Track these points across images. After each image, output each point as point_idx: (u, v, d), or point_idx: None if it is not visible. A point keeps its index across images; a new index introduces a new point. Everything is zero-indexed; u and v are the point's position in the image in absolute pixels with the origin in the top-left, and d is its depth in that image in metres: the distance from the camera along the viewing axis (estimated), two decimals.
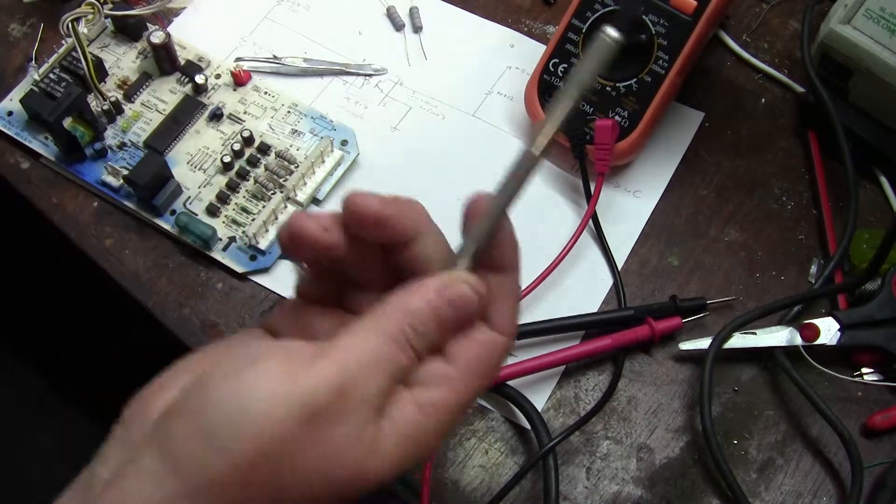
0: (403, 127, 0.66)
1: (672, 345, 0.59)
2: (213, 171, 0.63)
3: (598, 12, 0.62)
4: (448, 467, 0.55)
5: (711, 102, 0.67)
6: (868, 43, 0.59)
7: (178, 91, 0.66)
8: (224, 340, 0.39)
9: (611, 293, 0.61)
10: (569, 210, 0.63)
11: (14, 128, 0.64)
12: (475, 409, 0.57)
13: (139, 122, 0.65)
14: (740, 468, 0.55)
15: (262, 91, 0.66)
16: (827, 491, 0.55)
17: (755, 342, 0.57)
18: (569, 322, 0.59)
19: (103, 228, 0.62)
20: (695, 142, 0.66)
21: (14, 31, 0.69)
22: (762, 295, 0.60)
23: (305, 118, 0.65)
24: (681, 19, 0.60)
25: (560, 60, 0.63)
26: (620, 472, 0.55)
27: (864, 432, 0.56)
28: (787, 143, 0.66)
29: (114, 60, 0.67)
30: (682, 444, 0.56)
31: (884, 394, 0.57)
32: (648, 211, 0.63)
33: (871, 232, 0.61)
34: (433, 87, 0.68)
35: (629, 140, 0.61)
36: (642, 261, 0.62)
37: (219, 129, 0.65)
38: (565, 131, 0.62)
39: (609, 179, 0.63)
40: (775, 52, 0.69)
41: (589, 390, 0.58)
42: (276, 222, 0.61)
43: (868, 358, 0.57)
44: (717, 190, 0.64)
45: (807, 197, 0.64)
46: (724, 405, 0.57)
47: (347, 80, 0.68)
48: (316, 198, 0.63)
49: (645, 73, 0.61)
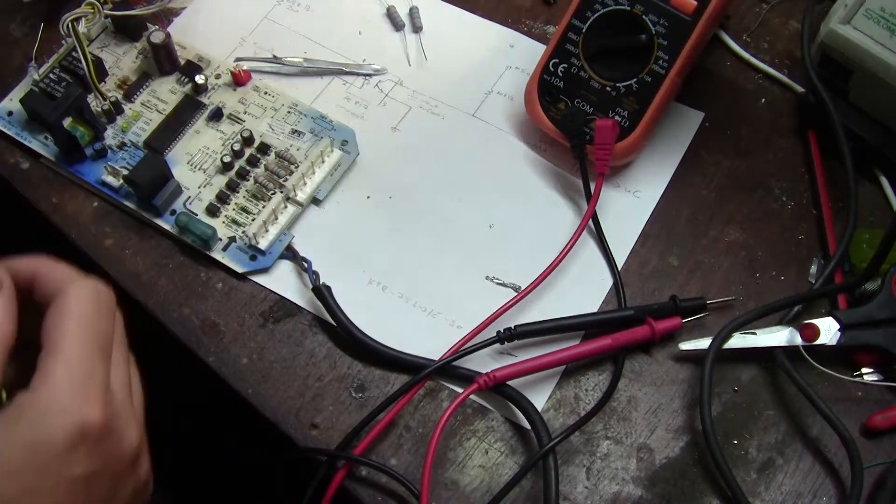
0: (403, 127, 0.66)
1: (672, 345, 0.59)
2: (213, 171, 0.63)
3: (598, 12, 0.62)
4: (448, 467, 0.55)
5: (711, 102, 0.67)
6: (868, 43, 0.59)
7: (178, 91, 0.66)
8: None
9: (611, 293, 0.61)
10: (569, 210, 0.63)
11: (14, 128, 0.64)
12: (475, 409, 0.57)
13: (139, 122, 0.65)
14: (740, 468, 0.55)
15: (262, 91, 0.66)
16: (827, 491, 0.55)
17: (755, 342, 0.57)
18: (569, 322, 0.59)
19: (103, 228, 0.62)
20: (695, 142, 0.66)
21: (14, 31, 0.69)
22: (762, 295, 0.60)
23: (305, 118, 0.65)
24: (681, 19, 0.60)
25: (560, 60, 0.63)
26: (620, 472, 0.55)
27: (864, 432, 0.56)
28: (787, 143, 0.66)
29: (114, 60, 0.67)
30: (682, 444, 0.56)
31: (884, 394, 0.57)
32: (648, 211, 0.63)
33: (871, 232, 0.61)
34: (433, 87, 0.68)
35: (629, 140, 0.61)
36: (642, 261, 0.62)
37: (219, 129, 0.65)
38: (565, 131, 0.63)
39: (609, 179, 0.63)
40: (775, 52, 0.69)
41: (589, 390, 0.58)
42: (276, 222, 0.61)
43: (868, 358, 0.57)
44: (717, 190, 0.64)
45: (807, 197, 0.64)
46: (724, 405, 0.57)
47: (347, 80, 0.68)
48: (316, 198, 0.63)
49: (645, 73, 0.61)
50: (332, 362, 0.58)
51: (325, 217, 0.63)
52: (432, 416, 0.57)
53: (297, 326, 0.59)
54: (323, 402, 0.57)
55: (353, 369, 0.58)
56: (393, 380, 0.58)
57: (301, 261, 0.61)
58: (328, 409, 0.57)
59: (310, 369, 0.58)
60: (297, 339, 0.59)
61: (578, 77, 0.62)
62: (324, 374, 0.58)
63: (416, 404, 0.57)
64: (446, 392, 0.58)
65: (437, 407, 0.57)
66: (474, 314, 0.58)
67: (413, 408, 0.57)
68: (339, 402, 0.57)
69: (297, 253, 0.61)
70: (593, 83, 0.62)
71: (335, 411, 0.57)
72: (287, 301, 0.60)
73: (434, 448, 0.53)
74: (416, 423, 0.57)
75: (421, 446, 0.56)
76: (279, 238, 0.61)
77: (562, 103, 0.63)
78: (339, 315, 0.58)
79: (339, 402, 0.57)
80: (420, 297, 0.60)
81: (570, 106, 0.63)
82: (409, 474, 0.55)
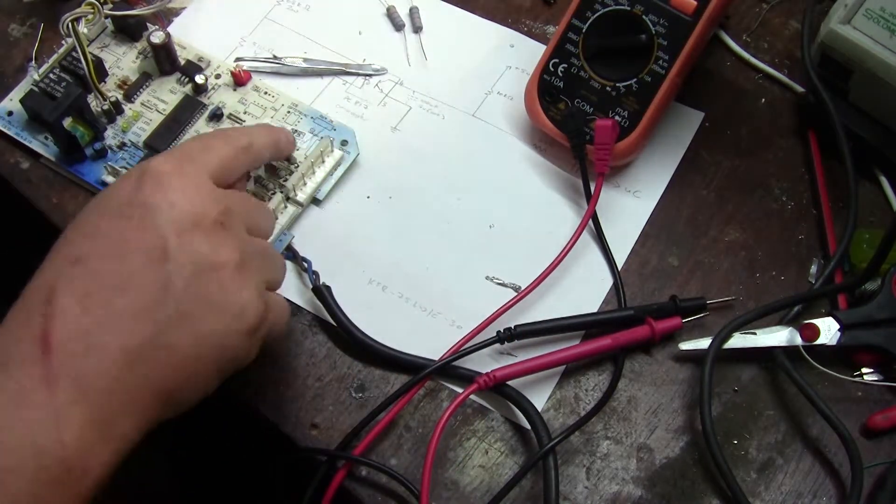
0: (403, 127, 0.66)
1: (672, 345, 0.59)
2: None
3: (598, 12, 0.62)
4: (448, 467, 0.55)
5: (711, 102, 0.67)
6: (868, 43, 0.59)
7: (178, 91, 0.66)
8: None
9: (611, 293, 0.61)
10: (569, 210, 0.63)
11: (14, 128, 0.64)
12: (475, 409, 0.57)
13: (139, 122, 0.65)
14: (740, 468, 0.55)
15: (262, 91, 0.66)
16: (827, 491, 0.55)
17: (755, 342, 0.57)
18: (569, 322, 0.59)
19: None
20: (695, 142, 0.66)
21: (14, 31, 0.69)
22: (762, 295, 0.60)
23: (305, 118, 0.65)
24: (681, 19, 0.60)
25: (560, 60, 0.63)
26: (620, 472, 0.55)
27: (864, 432, 0.56)
28: (787, 143, 0.66)
29: (114, 60, 0.67)
30: (682, 444, 0.56)
31: (884, 394, 0.57)
32: (648, 211, 0.63)
33: (871, 232, 0.61)
34: (433, 87, 0.68)
35: (629, 140, 0.61)
36: (642, 261, 0.62)
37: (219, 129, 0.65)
38: (565, 131, 0.63)
39: (609, 179, 0.63)
40: (775, 52, 0.69)
41: (589, 390, 0.58)
42: (276, 222, 0.61)
43: (868, 358, 0.57)
44: (717, 190, 0.64)
45: (807, 197, 0.64)
46: (724, 405, 0.57)
47: (347, 80, 0.68)
48: (316, 198, 0.63)
49: (645, 73, 0.61)
50: (332, 362, 0.58)
51: (325, 217, 0.63)
52: (432, 416, 0.57)
53: (297, 326, 0.59)
54: (323, 402, 0.57)
55: (353, 369, 0.58)
56: (393, 380, 0.58)
57: (301, 261, 0.61)
58: (328, 409, 0.57)
59: (310, 369, 0.58)
60: (297, 339, 0.59)
61: (578, 77, 0.62)
62: (324, 374, 0.58)
63: (416, 404, 0.57)
64: (446, 392, 0.58)
65: (437, 407, 0.57)
66: (474, 314, 0.58)
67: (413, 408, 0.57)
68: (339, 402, 0.57)
69: (297, 253, 0.61)
70: (593, 83, 0.62)
71: (335, 411, 0.57)
72: (287, 301, 0.60)
73: (434, 448, 0.53)
74: (416, 423, 0.57)
75: (421, 446, 0.56)
76: (279, 238, 0.61)
77: (562, 103, 0.63)
78: (339, 315, 0.58)
79: (339, 402, 0.57)
80: (420, 297, 0.60)
81: (570, 106, 0.63)
82: (409, 474, 0.55)
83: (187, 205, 0.46)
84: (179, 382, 0.45)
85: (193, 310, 0.44)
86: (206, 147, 0.50)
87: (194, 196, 0.46)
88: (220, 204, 0.47)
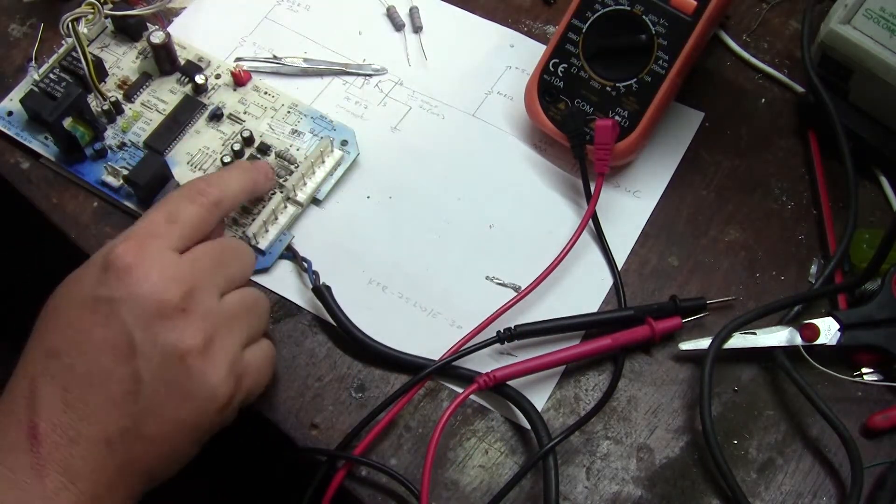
0: (403, 127, 0.66)
1: (672, 345, 0.59)
2: (213, 171, 0.63)
3: (598, 12, 0.62)
4: (448, 467, 0.55)
5: (711, 102, 0.67)
6: (868, 43, 0.59)
7: (178, 91, 0.66)
8: None
9: (611, 293, 0.61)
10: (569, 210, 0.63)
11: (14, 128, 0.64)
12: (475, 409, 0.57)
13: (139, 122, 0.65)
14: (740, 468, 0.55)
15: (262, 91, 0.66)
16: (827, 491, 0.55)
17: (755, 342, 0.57)
18: (569, 322, 0.59)
19: (103, 228, 0.62)
20: (695, 142, 0.66)
21: (14, 31, 0.69)
22: (762, 295, 0.60)
23: (305, 118, 0.65)
24: (681, 19, 0.60)
25: (560, 60, 0.63)
26: (620, 472, 0.55)
27: (864, 432, 0.56)
28: (787, 143, 0.66)
29: (114, 60, 0.67)
30: (682, 444, 0.56)
31: (884, 394, 0.57)
32: (648, 211, 0.63)
33: (871, 232, 0.61)
34: (433, 87, 0.68)
35: (629, 140, 0.61)
36: (642, 261, 0.62)
37: (219, 129, 0.65)
38: (565, 131, 0.63)
39: (609, 179, 0.63)
40: (775, 52, 0.69)
41: (589, 390, 0.58)
42: (276, 222, 0.61)
43: (868, 358, 0.57)
44: (717, 190, 0.64)
45: (807, 197, 0.64)
46: (724, 405, 0.57)
47: (347, 80, 0.68)
48: (316, 198, 0.63)
49: (645, 73, 0.61)
50: (332, 362, 0.58)
51: (325, 217, 0.63)
52: (432, 416, 0.57)
53: (297, 326, 0.59)
54: (323, 402, 0.57)
55: (353, 369, 0.58)
56: (393, 380, 0.58)
57: (301, 261, 0.61)
58: (328, 409, 0.57)
59: (310, 369, 0.58)
60: (297, 339, 0.59)
61: (578, 77, 0.62)
62: (324, 374, 0.58)
63: (416, 404, 0.57)
64: (446, 392, 0.58)
65: (437, 407, 0.57)
66: (474, 314, 0.58)
67: (413, 408, 0.57)
68: (339, 402, 0.57)
69: (297, 253, 0.61)
70: (593, 83, 0.62)
71: (335, 411, 0.57)
72: (287, 301, 0.60)
73: (434, 448, 0.53)
74: (416, 423, 0.57)
75: (421, 446, 0.56)
76: (279, 238, 0.61)
77: (562, 103, 0.63)
78: (339, 315, 0.58)
79: (339, 402, 0.57)
80: (420, 297, 0.60)
81: (570, 106, 0.63)
82: (409, 474, 0.55)
83: (150, 295, 0.47)
84: (160, 462, 0.48)
85: (164, 400, 0.46)
86: (172, 217, 0.50)
87: (157, 282, 0.47)
88: (184, 285, 0.48)
